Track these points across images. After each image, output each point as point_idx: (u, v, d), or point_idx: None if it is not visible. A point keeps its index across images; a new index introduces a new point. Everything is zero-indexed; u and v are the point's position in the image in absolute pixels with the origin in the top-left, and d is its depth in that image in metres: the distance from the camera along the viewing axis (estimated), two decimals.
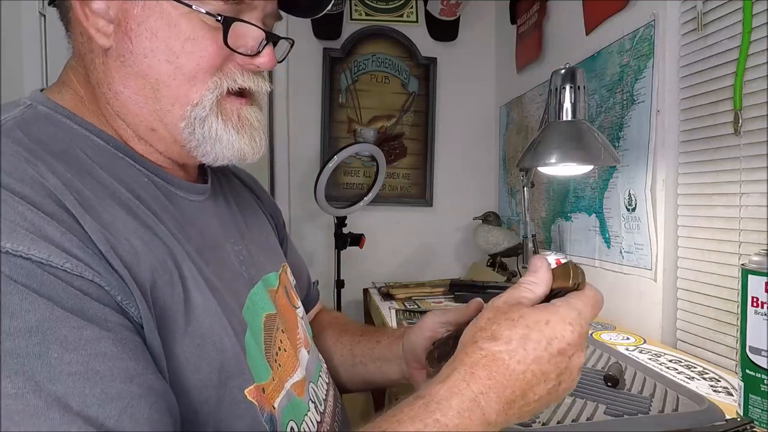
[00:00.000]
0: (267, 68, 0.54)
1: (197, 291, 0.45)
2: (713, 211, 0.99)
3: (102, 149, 0.48)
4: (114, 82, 0.49)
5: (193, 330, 0.43)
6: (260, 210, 0.73)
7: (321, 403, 0.60)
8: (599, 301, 0.46)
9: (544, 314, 0.43)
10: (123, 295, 0.38)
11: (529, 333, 0.42)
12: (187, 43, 0.48)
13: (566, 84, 1.00)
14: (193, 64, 0.49)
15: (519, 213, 1.97)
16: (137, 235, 0.42)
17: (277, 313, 0.58)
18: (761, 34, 0.87)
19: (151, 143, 0.52)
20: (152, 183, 0.51)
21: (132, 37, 0.47)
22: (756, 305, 0.62)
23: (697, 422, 0.65)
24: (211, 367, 0.43)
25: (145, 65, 0.48)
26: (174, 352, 0.41)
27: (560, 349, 0.42)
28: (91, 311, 0.35)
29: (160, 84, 0.49)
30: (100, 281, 0.37)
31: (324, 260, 2.07)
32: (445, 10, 2.07)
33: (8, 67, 1.69)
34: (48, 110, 0.48)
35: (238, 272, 0.55)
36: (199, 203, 0.56)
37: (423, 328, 0.65)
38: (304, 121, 2.14)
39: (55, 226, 0.36)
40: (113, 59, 0.49)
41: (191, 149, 0.52)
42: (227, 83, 0.51)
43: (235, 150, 0.53)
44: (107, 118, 0.51)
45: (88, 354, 0.34)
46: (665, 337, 1.11)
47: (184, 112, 0.50)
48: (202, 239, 0.52)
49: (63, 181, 0.40)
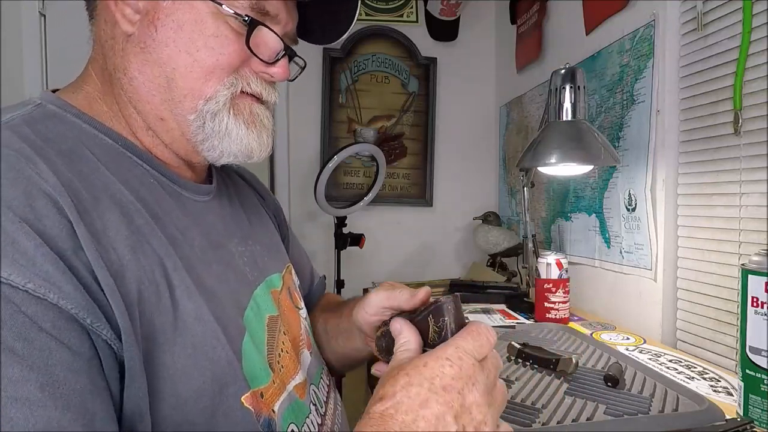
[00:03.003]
0: (280, 79, 0.56)
1: (188, 300, 0.44)
2: (713, 211, 0.99)
3: (110, 148, 0.49)
4: (130, 68, 0.50)
5: (183, 340, 0.42)
6: (263, 209, 0.73)
7: (322, 405, 0.60)
8: (478, 330, 0.42)
9: (421, 359, 0.40)
10: (93, 316, 0.36)
11: (410, 380, 0.39)
12: (210, 39, 0.50)
13: (566, 84, 1.00)
14: (213, 60, 0.50)
15: (519, 213, 1.97)
16: (128, 244, 0.42)
17: (279, 315, 0.58)
18: (761, 34, 0.87)
19: (158, 134, 0.52)
20: (158, 183, 0.51)
21: (158, 26, 0.49)
22: (756, 305, 0.62)
23: (697, 422, 0.65)
24: (204, 376, 0.43)
25: (165, 54, 0.49)
26: (164, 362, 0.41)
27: (444, 386, 0.38)
28: (35, 343, 0.33)
29: (176, 74, 0.50)
30: (65, 304, 0.35)
31: (324, 260, 2.06)
32: (445, 10, 2.07)
33: (8, 67, 1.69)
34: (57, 109, 0.48)
35: (242, 273, 0.55)
36: (205, 203, 0.56)
37: (368, 307, 0.60)
38: (304, 121, 2.14)
39: (31, 238, 0.34)
40: (133, 45, 0.50)
41: (197, 143, 0.52)
42: (242, 85, 0.53)
43: (243, 145, 0.53)
44: (120, 106, 0.51)
45: (7, 397, 0.31)
46: (665, 337, 1.11)
47: (196, 105, 0.50)
48: (207, 240, 0.52)
49: (63, 182, 0.39)
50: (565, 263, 1.21)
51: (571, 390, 0.76)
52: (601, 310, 1.35)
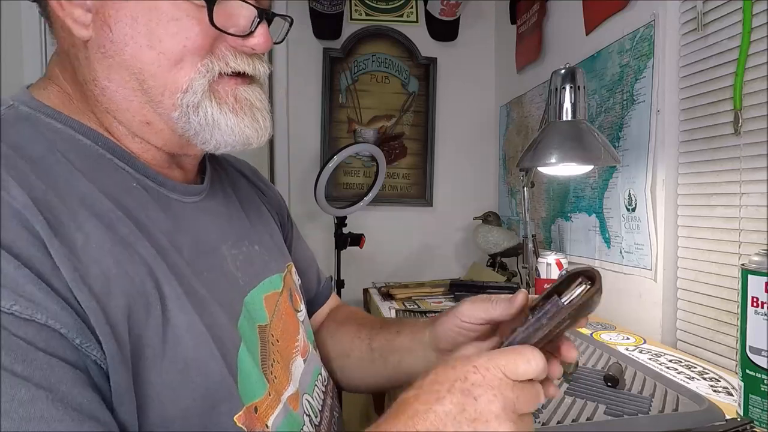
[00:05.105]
0: (262, 50, 0.49)
1: (180, 311, 0.42)
2: (713, 211, 0.99)
3: (88, 150, 0.45)
4: (99, 77, 0.46)
5: (174, 355, 0.41)
6: (264, 206, 0.70)
7: (316, 414, 0.57)
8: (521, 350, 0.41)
9: (456, 360, 0.42)
10: (82, 336, 0.35)
11: (437, 377, 0.41)
12: (170, 25, 0.44)
13: (566, 84, 1.00)
14: (179, 47, 0.45)
15: (519, 213, 1.97)
16: (113, 256, 0.39)
17: (269, 324, 0.55)
18: (761, 34, 0.87)
19: (147, 140, 0.49)
20: (142, 187, 0.48)
21: (111, 24, 0.44)
22: (756, 305, 0.62)
23: (697, 422, 0.65)
24: (195, 393, 0.41)
25: (127, 54, 0.45)
26: (151, 380, 0.39)
27: (463, 389, 0.39)
28: (35, 363, 0.32)
29: (144, 73, 0.45)
30: (54, 324, 0.34)
31: (324, 260, 2.06)
32: (445, 10, 2.07)
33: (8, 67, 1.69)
34: (30, 110, 0.45)
35: (234, 278, 0.53)
36: (195, 204, 0.53)
37: (460, 318, 0.57)
38: (304, 121, 2.14)
39: (9, 260, 0.33)
40: (94, 51, 0.45)
41: (190, 138, 0.48)
42: (219, 66, 0.47)
43: (236, 135, 0.49)
44: (98, 116, 0.48)
45: (21, 418, 0.31)
46: (665, 337, 1.11)
47: (175, 101, 0.46)
48: (196, 246, 0.49)
49: (34, 197, 0.37)
50: (565, 263, 1.21)
51: (571, 390, 0.76)
52: (601, 310, 1.34)
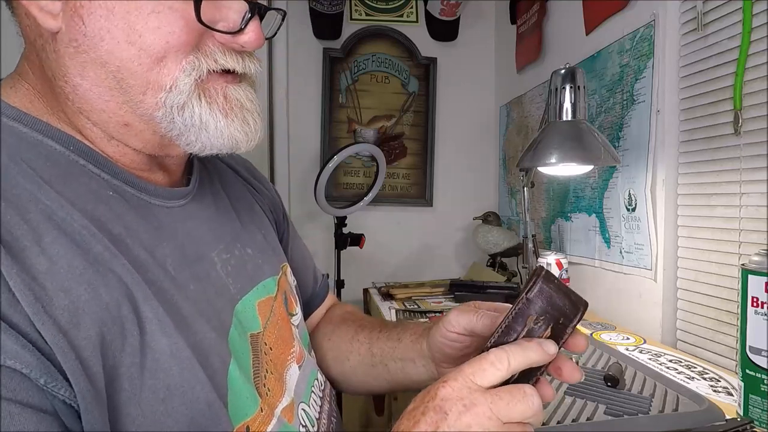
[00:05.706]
0: (253, 48, 0.45)
1: (162, 335, 0.39)
2: (713, 211, 0.99)
3: (58, 157, 0.41)
4: (70, 73, 0.41)
5: (154, 383, 0.37)
6: (256, 204, 0.66)
7: (314, 423, 0.55)
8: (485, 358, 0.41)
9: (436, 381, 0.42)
10: (47, 375, 0.32)
11: (414, 402, 0.41)
12: (150, 18, 0.40)
13: (566, 84, 1.00)
14: (161, 42, 0.40)
15: (519, 213, 1.97)
16: (84, 279, 0.36)
17: (262, 332, 0.52)
18: (761, 34, 0.87)
19: (126, 142, 0.44)
20: (120, 195, 0.44)
21: (83, 15, 0.39)
22: (756, 305, 0.62)
23: (697, 422, 0.65)
24: (179, 423, 0.38)
25: (103, 50, 0.40)
26: (130, 413, 0.36)
27: (435, 407, 0.39)
28: None
29: (123, 72, 0.40)
30: (14, 364, 0.30)
31: (324, 260, 2.06)
32: (445, 10, 2.07)
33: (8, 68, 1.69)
34: None
35: (224, 287, 0.50)
36: (181, 208, 0.50)
37: (448, 330, 0.55)
38: (304, 121, 2.14)
39: None
40: (65, 45, 0.40)
41: (173, 138, 0.44)
42: (207, 64, 0.43)
43: (224, 138, 0.45)
44: (69, 116, 0.43)
45: None
46: (665, 337, 1.11)
47: (158, 100, 0.42)
48: (182, 256, 0.46)
49: None
50: (565, 263, 1.21)
51: (571, 390, 0.76)
52: (601, 310, 1.35)
